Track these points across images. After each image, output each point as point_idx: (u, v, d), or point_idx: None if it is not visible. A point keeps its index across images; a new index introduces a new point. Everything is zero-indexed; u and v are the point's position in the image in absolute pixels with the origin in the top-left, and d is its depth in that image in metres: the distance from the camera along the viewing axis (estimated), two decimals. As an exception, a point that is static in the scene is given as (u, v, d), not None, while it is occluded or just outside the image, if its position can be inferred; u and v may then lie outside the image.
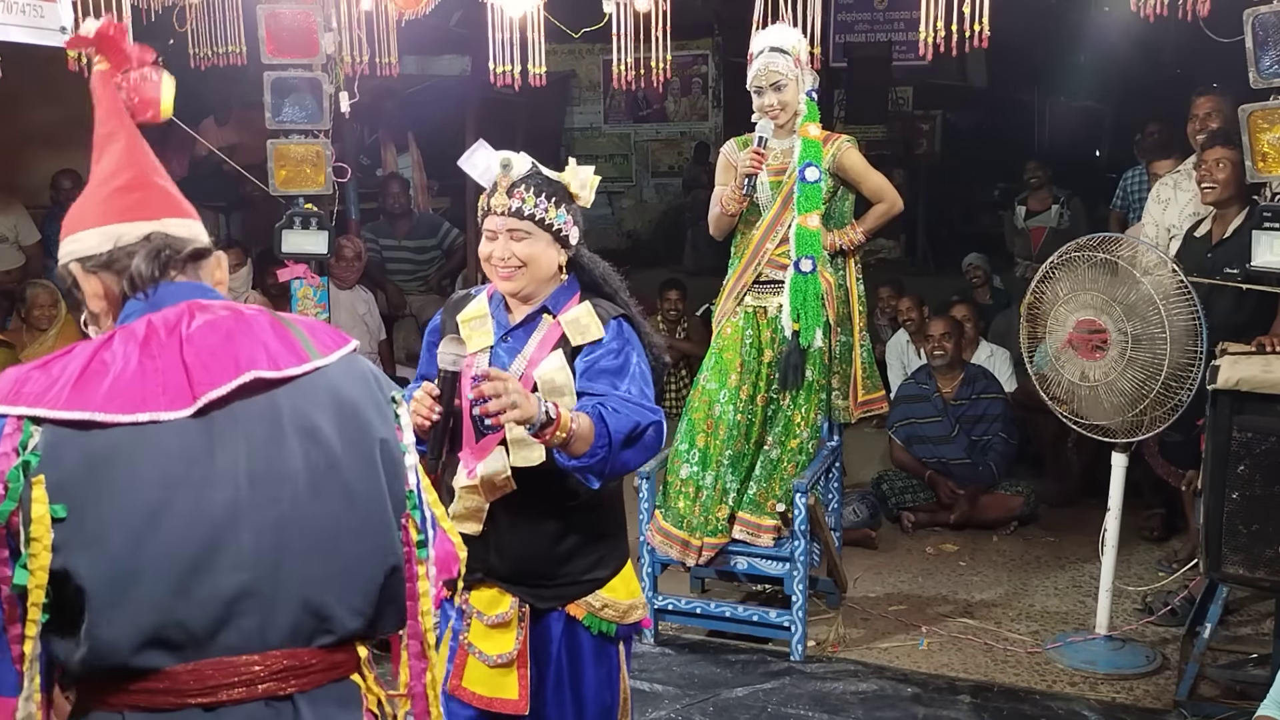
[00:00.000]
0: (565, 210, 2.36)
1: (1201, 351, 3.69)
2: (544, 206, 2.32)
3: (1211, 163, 4.21)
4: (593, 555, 2.42)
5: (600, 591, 2.43)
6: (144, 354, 1.41)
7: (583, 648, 2.45)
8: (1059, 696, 3.81)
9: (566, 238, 2.37)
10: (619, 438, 2.16)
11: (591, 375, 2.29)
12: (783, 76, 3.99)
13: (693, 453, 4.15)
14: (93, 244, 1.48)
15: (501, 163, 2.35)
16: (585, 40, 4.66)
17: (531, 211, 2.32)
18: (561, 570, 2.39)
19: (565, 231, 2.36)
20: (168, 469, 1.39)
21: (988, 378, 5.70)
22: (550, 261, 2.37)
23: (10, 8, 3.71)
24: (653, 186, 13.95)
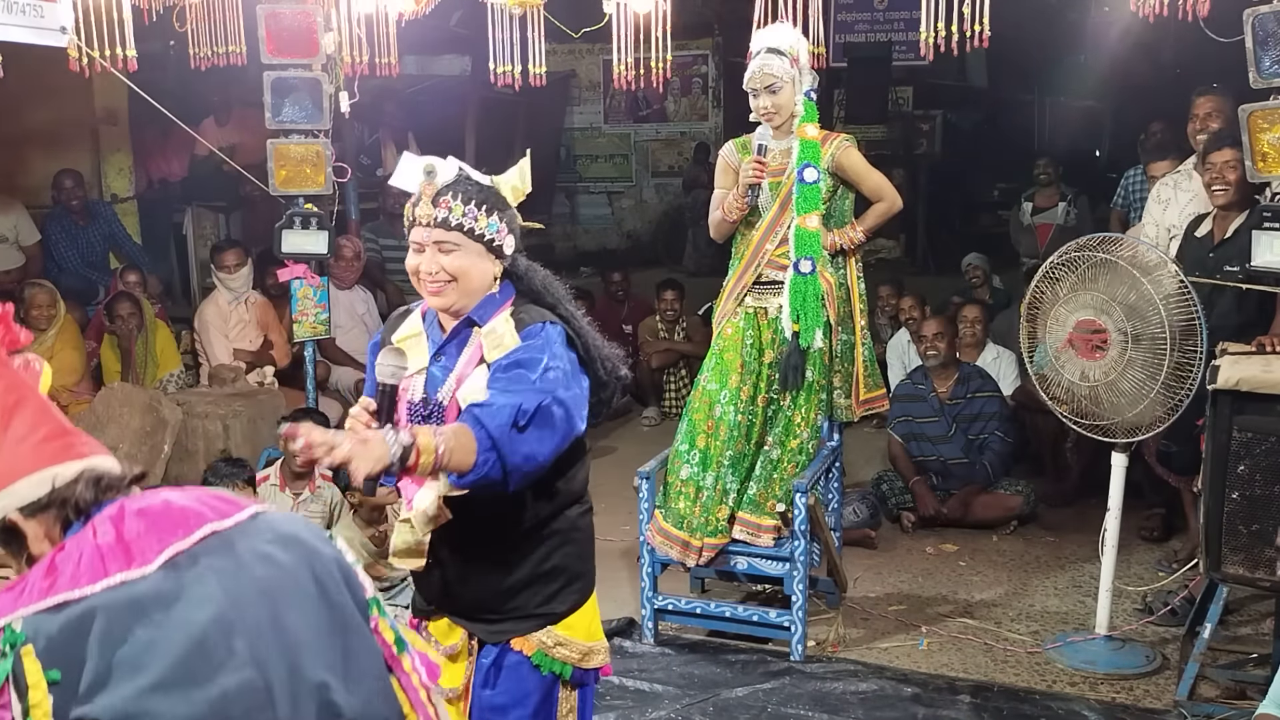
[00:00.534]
0: (498, 218, 2.21)
1: (1201, 351, 3.69)
2: (473, 215, 2.17)
3: (1222, 165, 4.20)
4: (546, 589, 2.25)
5: (554, 628, 2.27)
6: (96, 540, 1.49)
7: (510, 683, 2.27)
8: (1059, 696, 3.81)
9: (500, 247, 2.22)
10: (501, 432, 1.99)
11: (492, 379, 2.11)
12: (777, 79, 3.98)
13: (693, 453, 4.15)
14: (29, 490, 1.53)
15: (425, 169, 2.20)
16: (585, 40, 4.67)
17: (459, 221, 2.16)
18: (510, 603, 2.24)
19: (498, 241, 2.21)
20: (146, 612, 1.44)
21: (983, 377, 5.70)
22: (483, 274, 2.22)
23: (10, 8, 3.71)
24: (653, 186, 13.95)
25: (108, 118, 7.82)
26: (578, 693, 2.35)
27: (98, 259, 7.29)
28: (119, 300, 6.25)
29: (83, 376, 6.19)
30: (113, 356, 6.23)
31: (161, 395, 5.51)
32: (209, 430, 5.40)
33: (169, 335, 6.61)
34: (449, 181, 2.19)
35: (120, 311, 6.17)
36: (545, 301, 2.27)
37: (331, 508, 4.78)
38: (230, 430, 5.41)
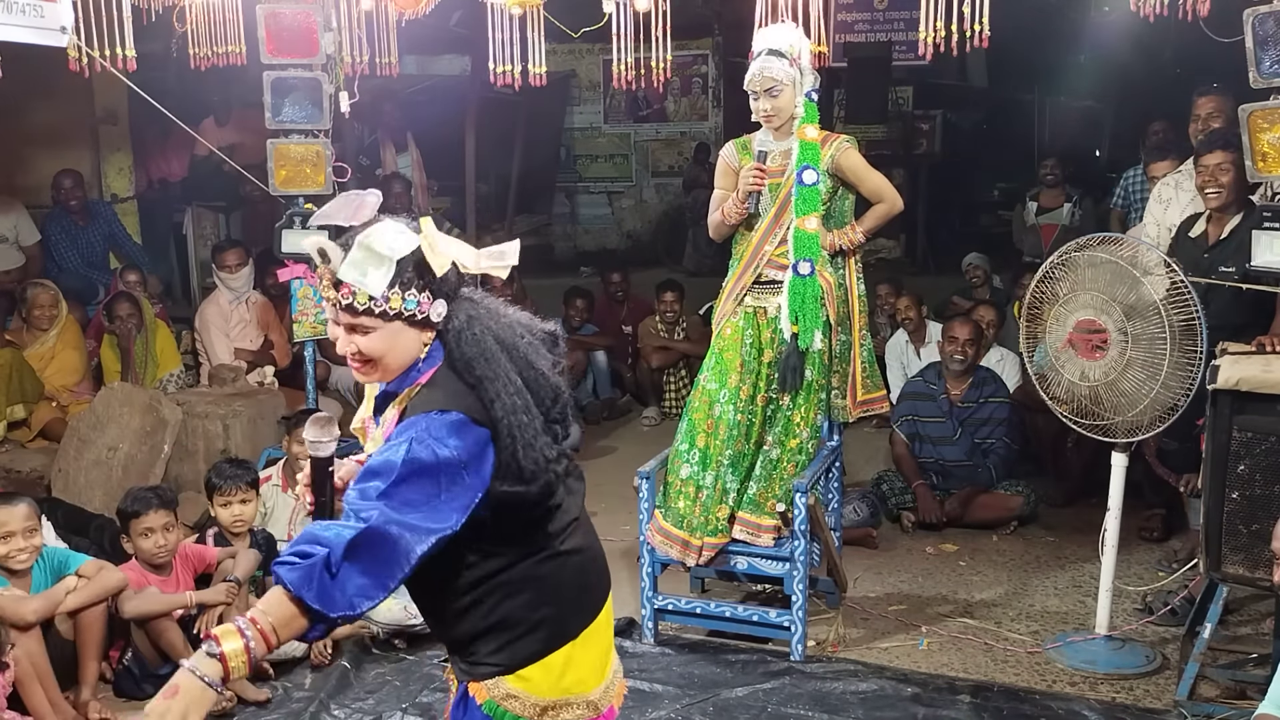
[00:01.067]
0: (417, 290, 1.96)
1: (1201, 351, 3.69)
2: (384, 297, 1.94)
3: (1214, 167, 4.20)
4: (497, 639, 2.08)
5: (505, 679, 2.08)
6: None
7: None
8: (1059, 696, 3.80)
9: (426, 319, 1.99)
10: (317, 592, 1.81)
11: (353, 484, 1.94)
12: (777, 82, 3.97)
13: (693, 453, 4.15)
14: None
15: (318, 252, 1.95)
16: (585, 40, 4.66)
17: (366, 306, 1.94)
18: (467, 649, 2.11)
19: (420, 315, 1.98)
20: None
21: (996, 381, 5.67)
22: (406, 348, 2.00)
23: (10, 8, 3.71)
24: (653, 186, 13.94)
25: (108, 118, 7.82)
26: None
27: (98, 259, 7.29)
28: (119, 300, 6.25)
29: (83, 376, 6.19)
30: (113, 356, 6.23)
31: (161, 395, 5.51)
32: (209, 430, 5.40)
33: (169, 335, 6.61)
34: (349, 261, 1.93)
35: (120, 312, 6.17)
36: (466, 379, 1.97)
37: (331, 508, 4.79)
38: (230, 430, 5.41)
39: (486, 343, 1.99)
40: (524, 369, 2.01)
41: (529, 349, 2.05)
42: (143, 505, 3.88)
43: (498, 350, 1.99)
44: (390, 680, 3.97)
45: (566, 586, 2.12)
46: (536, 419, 1.99)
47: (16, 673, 3.37)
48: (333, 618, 1.84)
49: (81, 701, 3.64)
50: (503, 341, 2.02)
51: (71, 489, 5.15)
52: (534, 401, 2.00)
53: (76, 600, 3.65)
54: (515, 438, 1.95)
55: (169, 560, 3.93)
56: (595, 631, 2.16)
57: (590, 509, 5.88)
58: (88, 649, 3.69)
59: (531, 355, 2.04)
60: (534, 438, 1.97)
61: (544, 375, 2.04)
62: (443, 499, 1.89)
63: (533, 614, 2.08)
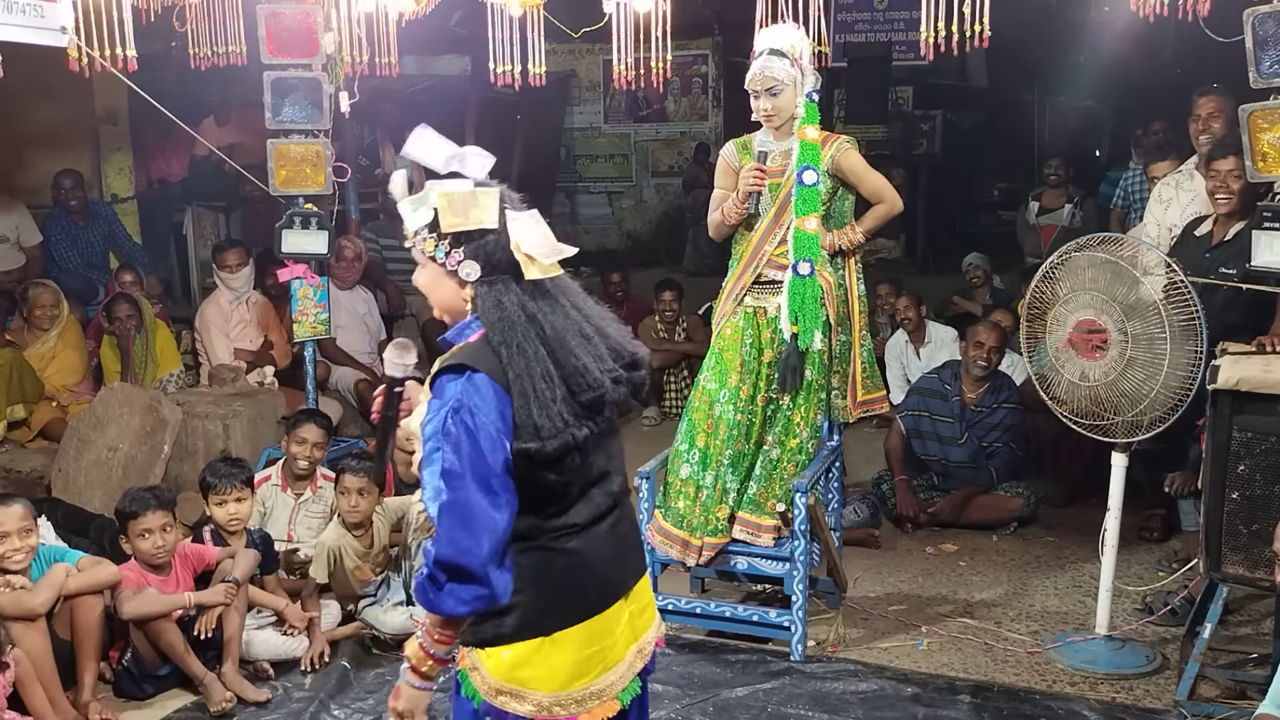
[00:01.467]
0: (450, 244, 2.11)
1: (1201, 351, 3.69)
2: (422, 237, 2.13)
3: (1225, 173, 4.21)
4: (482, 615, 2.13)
5: (475, 651, 2.15)
6: None
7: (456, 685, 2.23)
8: (1059, 696, 3.80)
9: (455, 273, 2.13)
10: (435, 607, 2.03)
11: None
12: (778, 82, 3.96)
13: (693, 453, 4.15)
14: None
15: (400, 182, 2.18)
16: (585, 40, 4.67)
17: (411, 242, 2.16)
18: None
19: (450, 267, 2.12)
20: None
21: (1011, 388, 5.64)
22: (446, 293, 2.16)
23: (10, 8, 3.71)
24: (653, 186, 13.95)
25: (108, 118, 7.82)
26: None
27: (98, 259, 7.29)
28: (119, 300, 6.25)
29: (83, 376, 6.19)
30: (113, 356, 6.23)
31: (161, 395, 5.51)
32: (209, 430, 5.40)
33: (169, 335, 6.61)
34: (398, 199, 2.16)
35: (120, 312, 6.17)
36: (493, 343, 2.08)
37: (333, 508, 4.79)
38: (230, 430, 5.40)
39: (513, 313, 2.08)
40: (556, 349, 2.09)
41: (575, 338, 2.13)
42: (141, 506, 3.88)
43: (525, 323, 2.08)
44: (390, 680, 3.96)
45: (548, 583, 2.14)
46: (557, 389, 2.06)
47: (17, 672, 3.36)
48: (464, 613, 2.04)
49: (82, 703, 3.64)
50: (537, 319, 2.10)
51: (71, 489, 5.15)
52: (561, 378, 2.08)
53: (76, 584, 3.66)
54: (529, 398, 2.04)
55: (168, 560, 3.93)
56: (575, 638, 2.15)
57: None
58: (86, 649, 3.69)
59: (573, 342, 2.12)
60: (550, 401, 2.04)
61: (581, 364, 2.10)
62: (488, 459, 2.01)
63: (519, 603, 2.10)
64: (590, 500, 2.18)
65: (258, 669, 3.98)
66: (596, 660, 2.19)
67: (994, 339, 5.53)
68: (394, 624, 4.16)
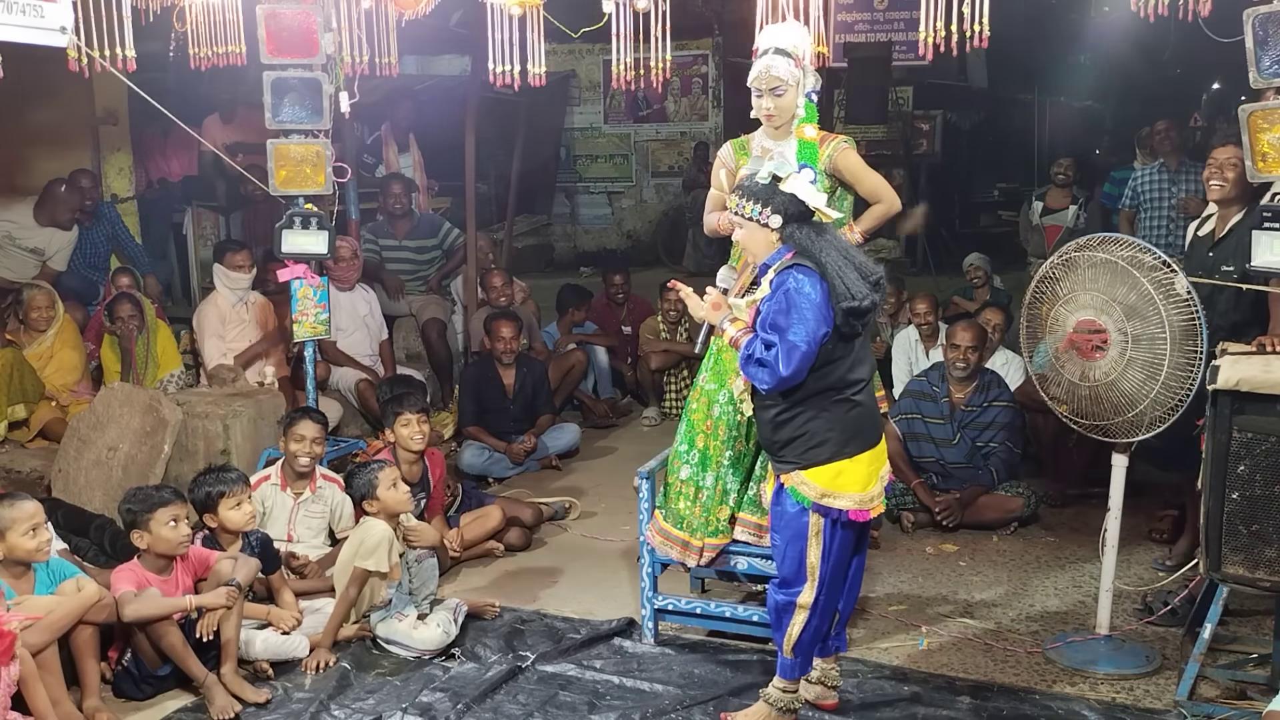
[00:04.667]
0: (761, 205, 3.29)
1: (1201, 351, 3.68)
2: (741, 206, 3.35)
3: (1223, 161, 4.23)
4: (798, 447, 3.38)
5: (801, 472, 3.38)
6: None
7: (780, 501, 3.49)
8: (1059, 696, 3.80)
9: (766, 224, 3.31)
10: (759, 383, 3.34)
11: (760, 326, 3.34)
12: (782, 82, 3.94)
13: (693, 454, 4.14)
14: None
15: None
16: (585, 40, 4.66)
17: (736, 210, 3.37)
18: (781, 449, 3.42)
19: (761, 221, 3.31)
20: None
21: (1000, 385, 5.63)
22: (759, 239, 3.35)
23: (10, 8, 3.71)
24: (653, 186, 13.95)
25: (108, 118, 7.82)
26: (824, 521, 3.36)
27: (100, 259, 7.29)
28: (120, 300, 6.25)
29: (82, 376, 6.19)
30: (113, 357, 6.23)
31: (161, 395, 5.51)
32: (209, 430, 5.40)
33: (169, 335, 6.60)
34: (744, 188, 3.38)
35: (121, 312, 6.17)
36: (805, 252, 3.25)
37: (333, 508, 4.79)
38: (230, 430, 5.40)
39: (816, 239, 3.27)
40: (845, 252, 3.29)
41: (850, 249, 3.33)
42: (168, 495, 3.92)
43: (824, 243, 3.27)
44: (390, 680, 3.97)
45: (849, 423, 3.34)
46: (853, 271, 3.23)
47: (21, 671, 3.35)
48: (765, 388, 3.28)
49: (86, 705, 3.63)
50: (829, 242, 3.28)
51: (71, 489, 5.15)
52: (854, 267, 3.24)
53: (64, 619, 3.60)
54: (842, 278, 3.20)
55: (185, 552, 3.93)
56: (865, 459, 3.37)
57: (590, 509, 5.89)
58: (84, 651, 3.68)
59: (851, 251, 3.32)
60: (855, 279, 3.21)
61: (861, 260, 3.30)
62: (812, 316, 3.18)
63: (825, 434, 3.31)
64: (865, 363, 3.41)
65: (257, 669, 3.98)
66: (875, 476, 3.43)
67: (969, 338, 5.50)
68: (430, 640, 4.12)
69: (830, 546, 3.41)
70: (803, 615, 3.45)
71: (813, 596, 3.43)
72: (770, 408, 3.37)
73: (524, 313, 7.40)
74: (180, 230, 8.29)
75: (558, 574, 5.00)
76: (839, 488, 3.34)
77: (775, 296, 3.23)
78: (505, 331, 6.50)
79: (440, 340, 7.40)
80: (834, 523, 3.38)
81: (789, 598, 3.47)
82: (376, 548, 4.19)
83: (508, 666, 4.00)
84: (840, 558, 3.46)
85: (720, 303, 3.46)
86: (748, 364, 3.27)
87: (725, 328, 3.39)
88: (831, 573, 3.45)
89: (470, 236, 7.68)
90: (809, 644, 3.52)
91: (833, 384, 3.30)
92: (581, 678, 3.95)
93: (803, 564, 3.42)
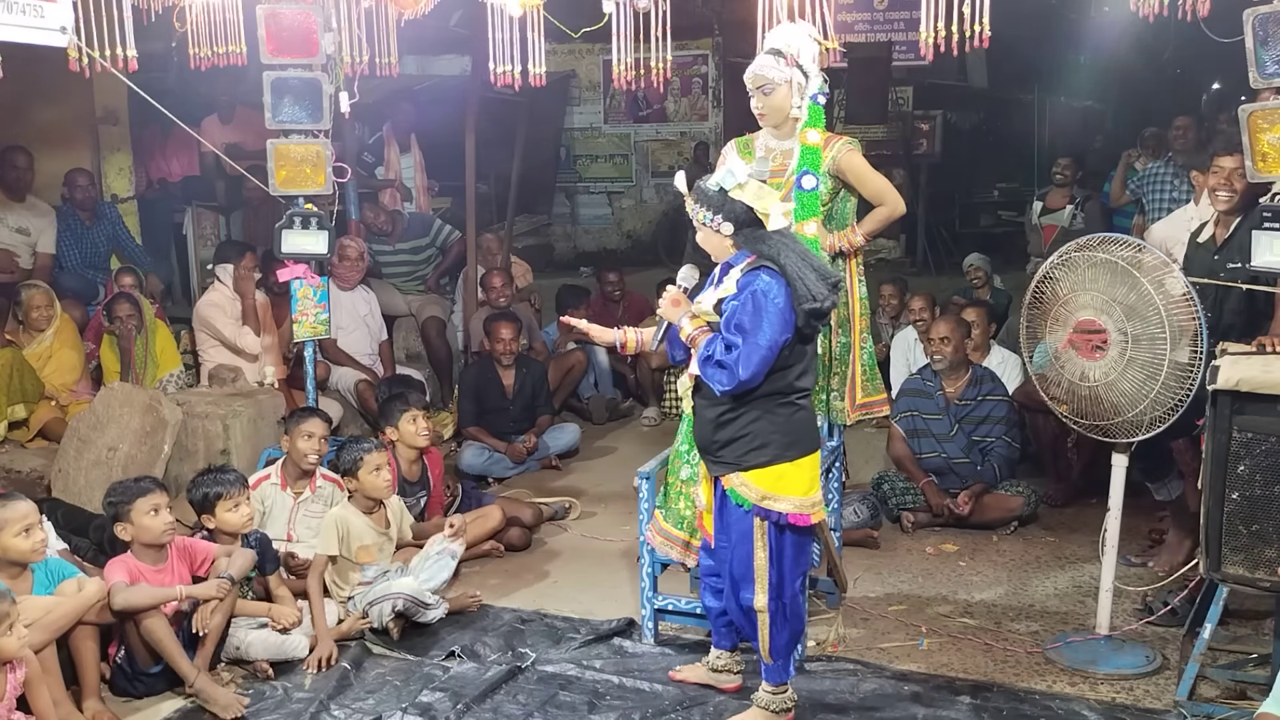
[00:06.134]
0: (712, 212, 3.32)
1: (1201, 351, 3.68)
2: (694, 211, 3.37)
3: (1230, 171, 4.20)
4: (738, 448, 3.37)
5: (743, 473, 3.37)
6: None
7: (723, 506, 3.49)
8: (1059, 696, 3.80)
9: (718, 230, 3.35)
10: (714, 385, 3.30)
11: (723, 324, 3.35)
12: (769, 81, 3.97)
13: (693, 454, 4.12)
14: None
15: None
16: (585, 40, 4.66)
17: (691, 215, 3.39)
18: (719, 450, 3.41)
19: (714, 227, 3.34)
20: None
21: (994, 380, 5.67)
22: (716, 243, 3.39)
23: (10, 8, 3.71)
24: (653, 186, 13.95)
25: (108, 118, 7.82)
26: (767, 524, 3.35)
27: (100, 259, 7.29)
28: (119, 300, 6.24)
29: (82, 375, 6.19)
30: (113, 357, 6.22)
31: (161, 395, 5.51)
32: (209, 430, 5.40)
33: (169, 335, 6.60)
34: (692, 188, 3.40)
35: (120, 312, 6.16)
36: (765, 256, 3.27)
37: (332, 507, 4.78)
38: (230, 430, 5.41)
39: (775, 241, 3.29)
40: (802, 254, 3.30)
41: (806, 252, 3.35)
42: (147, 484, 3.94)
43: (781, 246, 3.29)
44: (390, 680, 3.97)
45: (792, 427, 3.35)
46: (812, 273, 3.24)
47: (27, 674, 3.35)
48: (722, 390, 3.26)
49: (87, 708, 3.62)
50: (786, 245, 3.29)
51: (71, 489, 5.15)
52: (812, 269, 3.26)
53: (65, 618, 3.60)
54: (800, 279, 3.22)
55: (171, 540, 3.93)
56: (806, 464, 3.38)
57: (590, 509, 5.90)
58: (84, 651, 3.67)
59: (807, 254, 3.33)
60: (815, 281, 3.22)
61: (818, 263, 3.34)
62: (777, 320, 3.20)
63: (768, 436, 3.31)
64: (811, 373, 3.46)
65: (257, 669, 3.98)
66: (816, 482, 3.44)
67: (944, 330, 5.58)
68: (404, 585, 4.23)
69: (776, 550, 3.38)
70: (764, 619, 3.43)
71: (767, 599, 3.40)
72: (713, 407, 3.37)
73: (523, 313, 7.40)
74: (180, 230, 8.29)
75: (558, 574, 5.00)
76: (780, 490, 3.34)
77: (742, 297, 3.24)
78: (504, 333, 6.50)
79: (440, 339, 7.41)
80: (777, 526, 3.36)
81: (745, 604, 3.45)
82: (325, 531, 4.36)
83: (508, 666, 4.00)
84: (795, 562, 3.44)
85: (679, 300, 3.45)
86: (706, 364, 3.26)
87: (683, 324, 3.38)
88: (789, 575, 3.43)
89: (470, 236, 7.68)
90: (787, 645, 3.50)
91: (781, 389, 3.31)
92: (581, 678, 3.95)
93: (750, 567, 3.41)
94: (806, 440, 3.40)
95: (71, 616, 3.61)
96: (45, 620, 3.51)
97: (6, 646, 3.24)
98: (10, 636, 3.24)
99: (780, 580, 3.41)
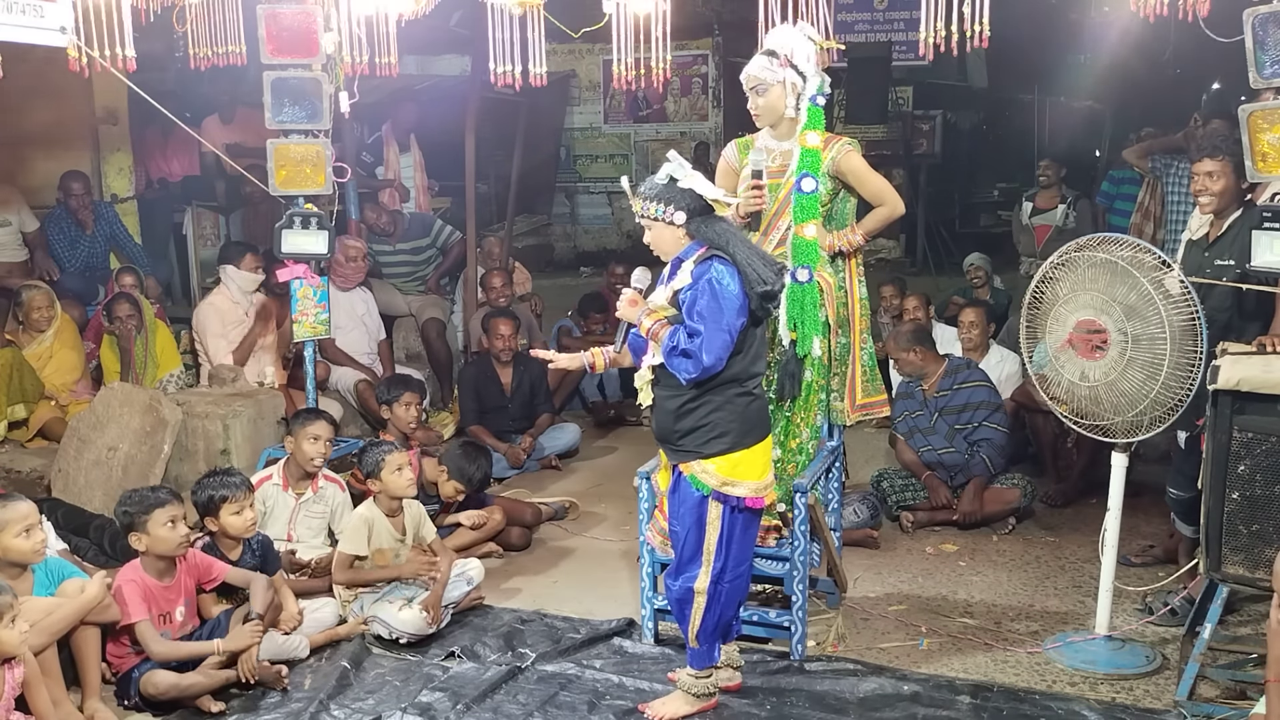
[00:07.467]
0: (664, 204, 3.41)
1: (1201, 351, 3.68)
2: (646, 208, 3.45)
3: (1204, 175, 4.21)
4: (698, 437, 3.48)
5: (703, 460, 3.47)
6: None
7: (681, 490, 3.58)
8: (1059, 696, 3.80)
9: (671, 222, 3.43)
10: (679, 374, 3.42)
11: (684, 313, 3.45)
12: (761, 81, 3.99)
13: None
14: None
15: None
16: (585, 40, 4.66)
17: (641, 213, 3.47)
18: (679, 440, 3.51)
19: (666, 219, 3.42)
20: None
21: (970, 368, 5.73)
22: (667, 238, 3.48)
23: (10, 8, 3.72)
24: (653, 187, 13.91)
25: (108, 118, 7.82)
26: (723, 508, 3.47)
27: (99, 260, 7.29)
28: (119, 300, 6.24)
29: (82, 375, 6.19)
30: (113, 357, 6.23)
31: (161, 395, 5.51)
32: (209, 430, 5.40)
33: (169, 335, 6.60)
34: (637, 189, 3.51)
35: (120, 312, 6.16)
36: (716, 245, 3.39)
37: (333, 508, 4.79)
38: (230, 430, 5.41)
39: (723, 230, 3.42)
40: (746, 242, 3.46)
41: (749, 240, 3.57)
42: (164, 495, 3.90)
43: (731, 233, 3.43)
44: (390, 680, 3.97)
45: (749, 416, 3.48)
46: (758, 258, 3.39)
47: (25, 673, 3.34)
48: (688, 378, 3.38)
49: (87, 709, 3.62)
50: (732, 234, 3.43)
51: (71, 489, 5.15)
52: (758, 255, 3.42)
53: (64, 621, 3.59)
54: (753, 265, 3.34)
55: (185, 553, 3.92)
56: (759, 449, 3.51)
57: (590, 509, 5.90)
58: (85, 652, 3.66)
59: (750, 242, 3.52)
60: (763, 266, 3.36)
61: (761, 250, 3.54)
62: (734, 305, 3.32)
63: (727, 425, 3.43)
64: (763, 358, 3.60)
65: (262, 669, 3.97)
66: (769, 465, 3.59)
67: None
68: (410, 622, 4.17)
69: (728, 532, 3.51)
70: (701, 601, 3.53)
71: (709, 581, 3.52)
72: (674, 398, 3.47)
73: (523, 313, 7.39)
74: (180, 230, 8.28)
75: (558, 574, 5.00)
76: (738, 476, 3.46)
77: (698, 286, 3.35)
78: (503, 329, 6.50)
79: (440, 340, 7.40)
80: (732, 509, 3.49)
81: (686, 584, 3.55)
82: (353, 532, 4.34)
83: (508, 666, 4.00)
84: (743, 543, 3.57)
85: (636, 299, 3.53)
86: (672, 355, 3.37)
87: (643, 320, 3.46)
88: (734, 559, 3.54)
89: (470, 237, 7.68)
90: (713, 631, 3.59)
91: (737, 374, 3.42)
92: (581, 678, 3.95)
93: (700, 549, 3.52)
94: (760, 428, 3.53)
95: (73, 618, 3.60)
96: (46, 622, 3.50)
97: (7, 640, 3.23)
98: (12, 630, 3.23)
99: (724, 565, 3.52)
